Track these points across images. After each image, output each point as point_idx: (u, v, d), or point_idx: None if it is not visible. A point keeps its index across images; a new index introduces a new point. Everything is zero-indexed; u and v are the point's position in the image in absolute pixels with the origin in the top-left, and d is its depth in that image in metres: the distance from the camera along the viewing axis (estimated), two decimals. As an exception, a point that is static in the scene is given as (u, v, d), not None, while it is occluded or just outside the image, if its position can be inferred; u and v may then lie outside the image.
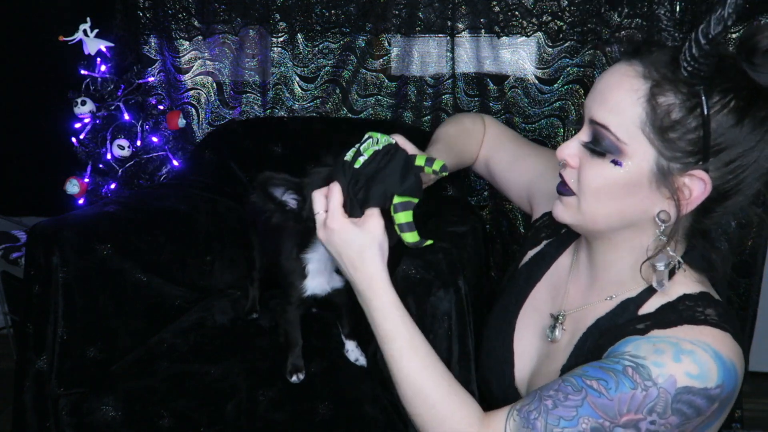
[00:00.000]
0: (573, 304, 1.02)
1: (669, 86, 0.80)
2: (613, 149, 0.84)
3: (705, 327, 0.83)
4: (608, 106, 0.84)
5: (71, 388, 1.22)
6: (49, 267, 1.22)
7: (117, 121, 1.86)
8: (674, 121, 0.80)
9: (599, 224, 0.90)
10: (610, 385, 0.81)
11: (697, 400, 0.79)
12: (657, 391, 0.79)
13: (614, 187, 0.86)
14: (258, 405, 1.14)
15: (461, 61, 1.96)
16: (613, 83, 0.84)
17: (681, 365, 0.79)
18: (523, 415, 0.85)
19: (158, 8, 2.00)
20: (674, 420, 0.79)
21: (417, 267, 1.14)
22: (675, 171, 0.82)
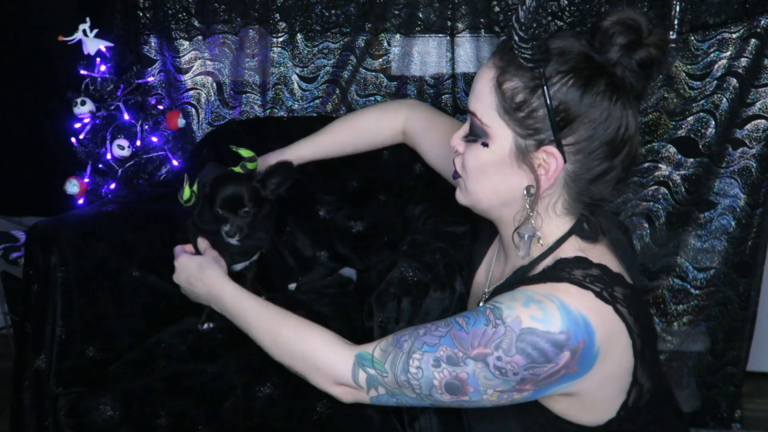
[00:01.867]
0: (494, 283, 1.11)
1: (513, 71, 0.92)
2: (481, 133, 0.96)
3: (563, 284, 0.90)
4: (475, 95, 0.97)
5: (70, 388, 1.22)
6: (47, 266, 1.23)
7: (117, 121, 1.86)
8: (519, 103, 0.91)
9: (483, 202, 1.02)
10: (470, 321, 0.91)
11: (540, 342, 0.86)
12: (504, 329, 0.88)
13: (485, 167, 0.97)
14: (255, 402, 1.14)
15: (461, 61, 1.96)
16: (479, 74, 0.98)
17: (528, 309, 0.88)
18: (396, 337, 0.97)
19: (158, 8, 2.00)
20: (519, 360, 0.86)
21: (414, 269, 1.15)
22: (531, 148, 0.93)
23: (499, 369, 0.87)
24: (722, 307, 1.95)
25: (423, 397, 0.94)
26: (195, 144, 1.98)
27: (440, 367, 0.91)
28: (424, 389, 0.93)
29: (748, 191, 1.85)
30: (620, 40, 0.89)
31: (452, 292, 1.14)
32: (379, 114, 1.46)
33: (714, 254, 1.92)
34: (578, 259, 0.95)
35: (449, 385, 0.91)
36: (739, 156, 1.84)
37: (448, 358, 0.90)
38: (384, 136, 1.46)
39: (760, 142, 1.82)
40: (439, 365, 0.91)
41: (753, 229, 1.87)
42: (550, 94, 0.89)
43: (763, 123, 1.81)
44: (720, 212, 1.89)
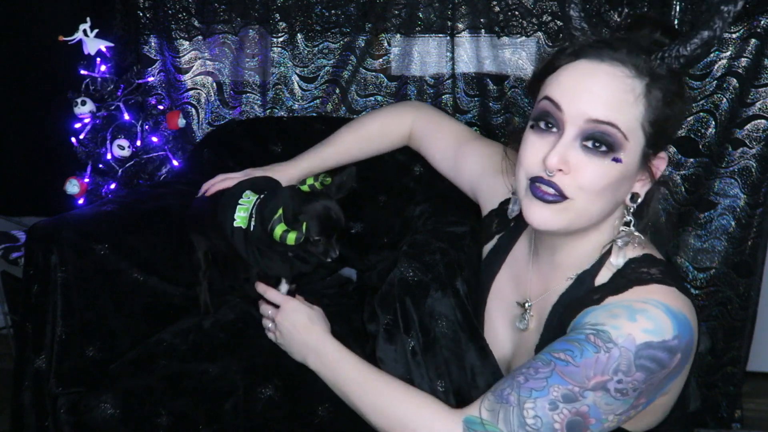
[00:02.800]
0: (537, 291, 1.07)
1: (659, 83, 0.89)
2: (616, 146, 0.88)
3: (652, 285, 0.89)
4: (608, 104, 0.88)
5: (70, 388, 1.22)
6: (47, 266, 1.22)
7: (117, 121, 1.86)
8: (668, 114, 0.90)
9: (593, 220, 0.95)
10: (575, 353, 0.85)
11: (658, 353, 0.85)
12: (618, 351, 0.84)
13: (614, 183, 0.90)
14: (256, 404, 1.14)
15: (461, 61, 1.96)
16: (606, 83, 0.89)
17: (636, 324, 0.85)
18: (497, 393, 0.90)
19: (158, 8, 2.00)
20: (640, 376, 0.84)
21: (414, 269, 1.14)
22: (650, 156, 0.92)
23: (620, 391, 0.85)
24: (722, 307, 1.95)
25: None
26: (195, 144, 1.98)
27: (558, 409, 0.85)
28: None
29: (748, 191, 1.85)
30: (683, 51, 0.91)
31: (454, 292, 1.13)
32: (385, 119, 1.44)
33: (714, 254, 1.92)
34: (646, 257, 0.94)
35: (571, 423, 0.85)
36: (739, 156, 1.84)
37: (564, 397, 0.85)
38: (390, 140, 1.44)
39: (760, 142, 1.82)
40: (557, 407, 0.85)
41: (753, 229, 1.87)
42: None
43: (763, 123, 1.81)
44: (720, 212, 1.89)
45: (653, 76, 0.89)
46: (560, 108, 0.90)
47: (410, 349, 1.09)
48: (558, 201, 0.91)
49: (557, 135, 0.91)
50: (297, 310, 1.17)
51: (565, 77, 0.92)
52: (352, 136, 1.43)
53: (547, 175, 0.91)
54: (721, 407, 2.02)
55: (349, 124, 1.45)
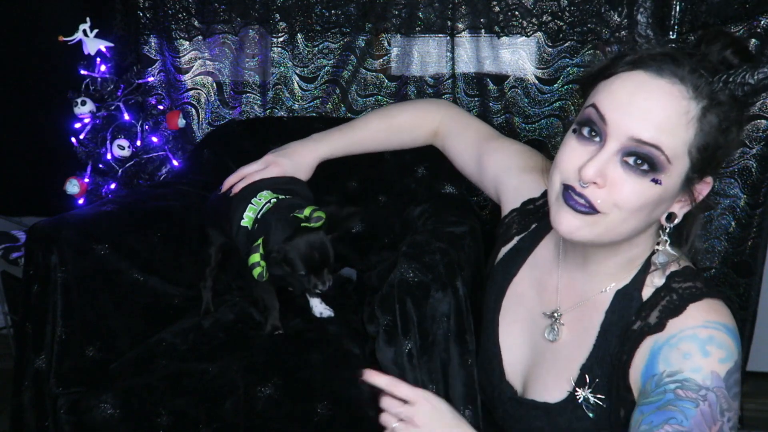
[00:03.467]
0: (568, 302, 1.04)
1: (716, 108, 0.85)
2: (659, 168, 0.84)
3: (703, 301, 0.89)
4: (657, 125, 0.84)
5: (70, 388, 1.22)
6: (47, 266, 1.22)
7: (117, 121, 1.86)
8: (719, 142, 0.86)
9: (623, 236, 0.91)
10: (679, 418, 0.83)
11: (736, 374, 0.86)
12: (714, 395, 0.84)
13: (650, 204, 0.87)
14: (256, 403, 1.14)
15: (461, 61, 1.96)
16: (659, 102, 0.84)
17: (711, 358, 0.85)
18: None
19: (158, 8, 2.00)
20: (737, 404, 0.86)
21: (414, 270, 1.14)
22: (695, 181, 0.88)
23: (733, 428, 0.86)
24: (722, 307, 1.95)
25: None
26: (195, 144, 1.98)
27: None
28: None
29: (748, 191, 1.85)
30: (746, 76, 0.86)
31: (454, 293, 1.13)
32: (416, 112, 1.40)
33: (714, 254, 1.92)
34: (687, 270, 0.94)
35: None
36: (739, 156, 1.84)
37: None
38: (417, 135, 1.39)
39: (760, 142, 1.82)
40: None
41: (753, 229, 1.87)
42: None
43: (763, 123, 1.81)
44: (720, 212, 1.89)
45: (712, 100, 0.84)
46: (605, 121, 0.86)
47: (407, 351, 1.08)
48: (589, 213, 0.88)
49: (598, 145, 0.87)
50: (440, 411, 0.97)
51: (617, 87, 0.87)
52: (382, 124, 1.38)
53: (581, 186, 0.88)
54: (721, 407, 2.02)
55: (377, 112, 1.42)
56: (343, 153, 1.38)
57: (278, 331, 1.27)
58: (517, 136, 1.96)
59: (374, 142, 1.39)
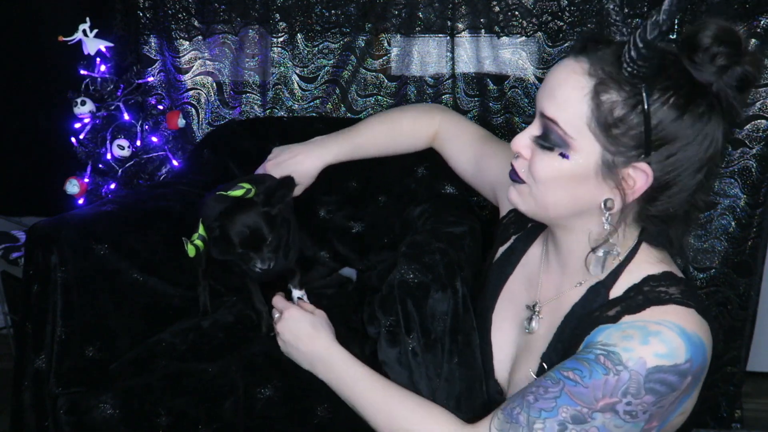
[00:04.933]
0: (547, 294, 1.06)
1: (612, 84, 0.84)
2: (560, 143, 0.89)
3: (670, 306, 0.88)
4: (557, 101, 0.88)
5: (70, 388, 1.22)
6: (47, 266, 1.22)
7: (117, 121, 1.86)
8: (617, 119, 0.84)
9: (550, 211, 0.96)
10: (584, 373, 0.85)
11: (668, 377, 0.84)
12: (628, 374, 0.83)
13: (562, 178, 0.91)
14: (256, 403, 1.14)
15: (461, 61, 1.96)
16: (561, 79, 0.89)
17: (649, 347, 0.84)
18: (506, 412, 0.90)
19: (158, 8, 2.00)
20: (649, 399, 0.84)
21: (414, 271, 1.14)
22: (619, 164, 0.87)
23: (629, 413, 0.84)
24: (722, 307, 1.95)
25: None
26: (195, 144, 1.98)
27: (567, 430, 0.85)
28: None
29: (748, 191, 1.85)
30: (722, 61, 0.82)
31: (454, 293, 1.13)
32: (416, 115, 1.41)
33: (714, 254, 1.92)
34: (666, 275, 0.93)
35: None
36: (739, 156, 1.85)
37: (573, 418, 0.84)
38: (417, 139, 1.41)
39: (760, 142, 1.82)
40: (566, 428, 0.85)
41: (753, 229, 1.87)
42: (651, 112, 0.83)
43: (763, 123, 1.81)
44: (720, 212, 1.89)
45: (608, 76, 0.84)
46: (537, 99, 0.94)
47: (411, 350, 1.09)
48: (517, 182, 0.98)
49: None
50: (298, 319, 1.16)
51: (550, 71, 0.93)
52: (384, 129, 1.39)
53: (513, 158, 0.98)
54: (721, 407, 2.02)
55: (379, 116, 1.42)
56: (347, 158, 1.38)
57: (273, 332, 1.26)
58: (517, 136, 1.96)
59: (376, 147, 1.40)
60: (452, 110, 1.48)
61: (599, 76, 0.85)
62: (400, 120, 1.41)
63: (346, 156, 1.38)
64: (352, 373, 1.08)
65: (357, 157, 1.39)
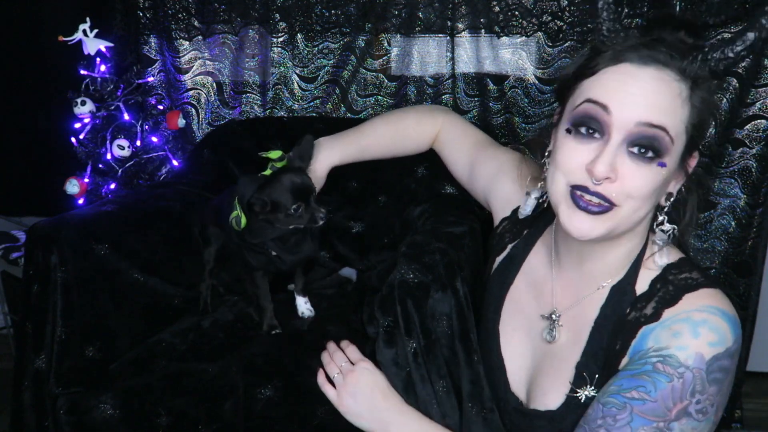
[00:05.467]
0: (565, 302, 1.04)
1: (702, 85, 0.88)
2: (664, 150, 0.86)
3: (702, 290, 0.89)
4: (659, 108, 0.86)
5: (69, 388, 1.22)
6: (47, 266, 1.22)
7: (117, 121, 1.86)
8: (706, 114, 0.89)
9: (633, 225, 0.92)
10: (648, 388, 0.84)
11: (724, 362, 0.85)
12: (691, 374, 0.83)
13: (659, 188, 0.89)
14: (256, 404, 1.14)
15: (461, 61, 1.96)
16: (654, 88, 0.86)
17: (701, 339, 0.84)
18: None
19: (158, 8, 2.00)
20: (714, 390, 0.84)
21: (414, 271, 1.14)
22: (687, 157, 0.91)
23: (701, 411, 0.84)
24: (722, 307, 1.95)
25: None
26: (195, 144, 1.98)
27: None
28: None
29: (748, 191, 1.85)
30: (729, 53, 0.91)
31: (454, 293, 1.13)
32: (419, 118, 1.40)
33: (714, 254, 1.92)
34: (683, 262, 0.94)
35: None
36: (739, 156, 1.84)
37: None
38: (420, 141, 1.40)
39: (760, 142, 1.82)
40: None
41: (753, 229, 1.87)
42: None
43: (763, 123, 1.81)
44: (720, 212, 1.89)
45: (697, 79, 0.87)
46: (609, 111, 0.86)
47: (411, 350, 1.08)
48: (605, 211, 0.88)
49: (601, 141, 0.87)
50: (376, 373, 1.08)
51: (609, 80, 0.88)
52: (388, 130, 1.38)
53: (594, 184, 0.87)
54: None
55: (382, 117, 1.41)
56: (352, 160, 1.37)
57: (275, 330, 1.27)
58: (517, 136, 1.96)
59: (381, 149, 1.39)
60: (454, 112, 1.47)
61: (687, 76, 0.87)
62: (404, 122, 1.39)
63: (351, 158, 1.36)
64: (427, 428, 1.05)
65: (362, 158, 1.38)
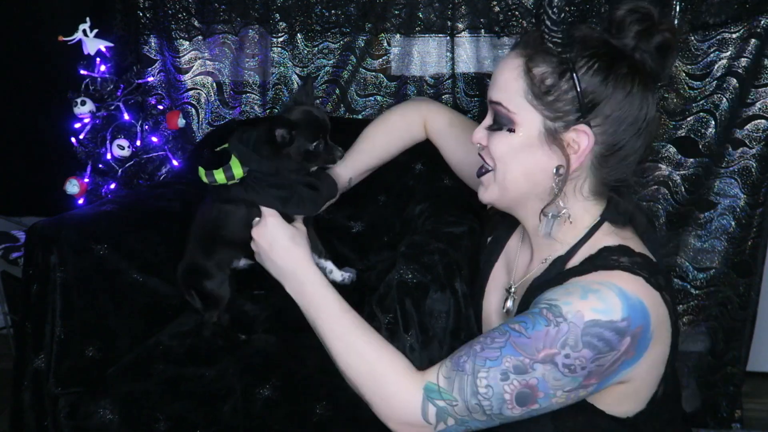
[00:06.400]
0: (520, 275, 1.12)
1: (540, 57, 0.96)
2: (506, 121, 0.98)
3: (616, 271, 0.92)
4: (498, 85, 1.00)
5: (69, 388, 1.22)
6: (47, 266, 1.23)
7: (117, 121, 1.86)
8: (549, 86, 0.95)
9: (510, 191, 1.03)
10: (528, 325, 0.89)
11: (605, 332, 0.87)
12: (567, 326, 0.87)
13: (514, 151, 0.99)
14: (254, 405, 1.14)
15: (461, 61, 1.96)
16: (500, 67, 1.01)
17: (587, 302, 0.88)
18: (454, 360, 0.94)
19: (158, 8, 2.00)
20: (587, 353, 0.87)
21: (413, 271, 1.14)
22: (561, 129, 0.95)
23: (567, 367, 0.87)
24: (722, 307, 1.95)
25: (493, 417, 0.90)
26: (195, 144, 1.98)
27: (509, 380, 0.88)
28: (495, 408, 0.89)
29: (748, 191, 1.85)
30: (636, 27, 0.94)
31: (453, 293, 1.14)
32: (403, 111, 1.44)
33: (714, 254, 1.92)
34: (622, 248, 0.97)
35: (520, 395, 0.88)
36: (739, 156, 1.84)
37: (515, 368, 0.88)
38: (413, 130, 1.43)
39: (760, 142, 1.82)
40: (507, 377, 0.88)
41: (753, 229, 1.87)
42: (579, 77, 0.93)
43: (763, 123, 1.81)
44: (720, 212, 1.89)
45: (534, 50, 0.96)
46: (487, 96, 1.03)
47: (408, 346, 1.09)
48: (482, 174, 1.06)
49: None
50: (277, 226, 1.13)
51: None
52: (379, 131, 1.42)
53: (478, 151, 1.06)
54: (721, 407, 2.02)
55: (371, 125, 1.44)
56: (363, 170, 1.40)
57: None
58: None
59: (380, 151, 1.42)
60: (434, 101, 1.51)
61: (528, 53, 0.96)
62: (389, 120, 1.44)
63: (360, 169, 1.40)
64: (322, 294, 1.07)
65: (370, 166, 1.41)
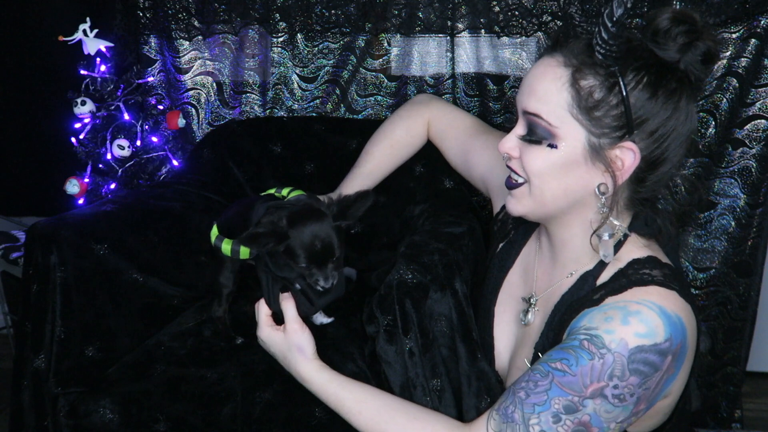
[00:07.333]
0: (542, 287, 1.09)
1: (588, 70, 0.90)
2: (546, 135, 0.93)
3: (651, 287, 0.90)
4: (537, 95, 0.93)
5: (69, 388, 1.22)
6: (47, 266, 1.23)
7: (117, 121, 1.86)
8: (597, 101, 0.90)
9: (548, 206, 0.98)
10: (571, 362, 0.86)
11: (650, 356, 0.85)
12: (612, 357, 0.85)
13: (555, 168, 0.94)
14: (254, 408, 1.13)
15: (461, 61, 1.96)
16: (538, 74, 0.94)
17: (630, 327, 0.86)
18: (501, 412, 0.91)
19: (158, 8, 2.00)
20: (634, 380, 0.85)
21: (413, 271, 1.14)
22: (605, 146, 0.91)
23: (617, 397, 0.85)
24: (722, 307, 1.95)
25: None
26: (195, 144, 1.98)
27: (561, 421, 0.86)
28: None
29: (748, 191, 1.85)
30: (682, 39, 0.89)
31: (453, 293, 1.13)
32: (406, 122, 1.44)
33: (714, 254, 1.92)
34: (651, 259, 0.95)
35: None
36: (739, 156, 1.84)
37: (565, 408, 0.86)
38: (417, 142, 1.45)
39: (760, 142, 1.82)
40: (560, 419, 0.86)
41: (753, 229, 1.87)
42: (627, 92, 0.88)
43: (763, 123, 1.81)
44: (720, 212, 1.89)
45: (582, 63, 0.90)
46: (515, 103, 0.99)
47: (407, 350, 1.09)
48: (514, 186, 1.01)
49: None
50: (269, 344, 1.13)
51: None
52: (383, 148, 1.43)
53: (505, 161, 1.01)
54: (721, 407, 2.02)
55: (371, 139, 1.44)
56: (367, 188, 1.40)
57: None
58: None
59: (385, 166, 1.44)
60: (438, 99, 1.51)
61: (574, 64, 0.90)
62: (393, 132, 1.44)
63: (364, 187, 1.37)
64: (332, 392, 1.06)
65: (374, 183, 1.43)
